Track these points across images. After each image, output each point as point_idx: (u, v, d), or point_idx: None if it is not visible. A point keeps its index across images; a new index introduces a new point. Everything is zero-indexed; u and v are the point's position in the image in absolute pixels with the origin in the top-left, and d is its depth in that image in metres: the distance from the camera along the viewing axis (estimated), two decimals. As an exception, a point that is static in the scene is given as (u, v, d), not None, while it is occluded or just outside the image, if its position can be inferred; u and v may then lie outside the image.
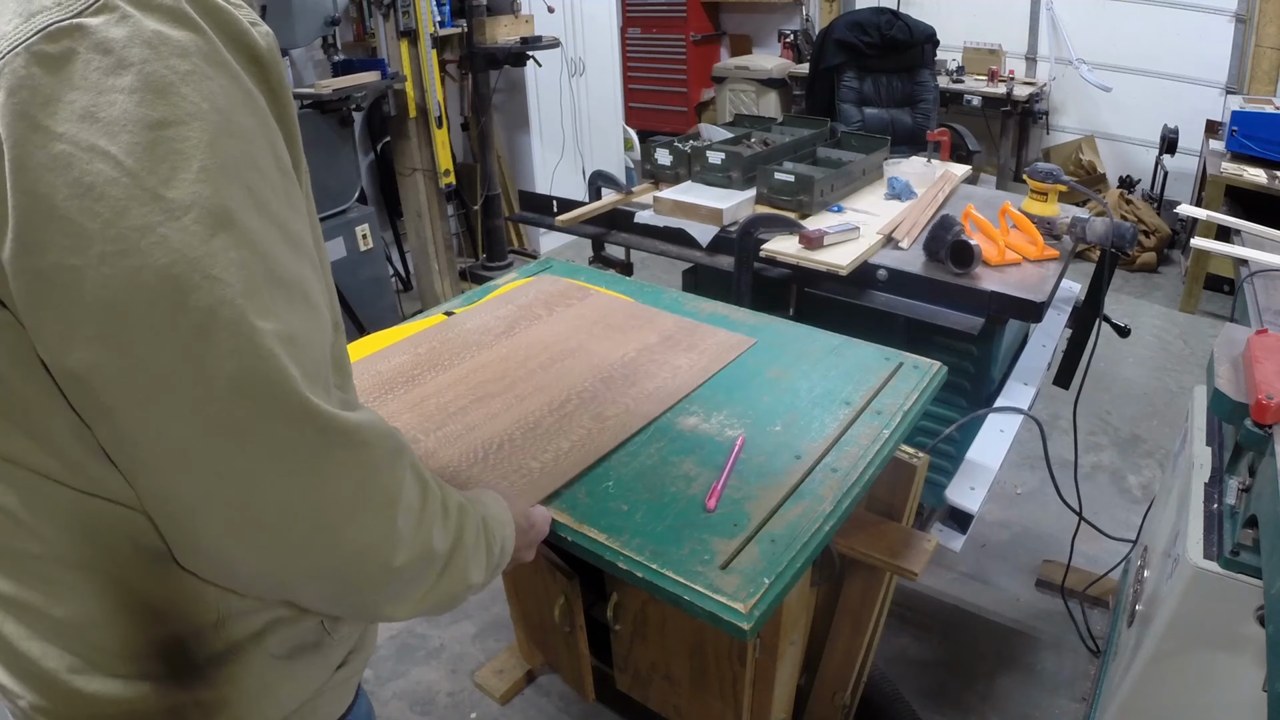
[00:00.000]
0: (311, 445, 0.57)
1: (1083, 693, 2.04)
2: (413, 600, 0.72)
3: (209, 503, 0.56)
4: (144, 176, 0.51)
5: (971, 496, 1.60)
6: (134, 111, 0.51)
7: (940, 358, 1.45)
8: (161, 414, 0.53)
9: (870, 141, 2.45)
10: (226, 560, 0.60)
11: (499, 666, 2.14)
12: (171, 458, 0.55)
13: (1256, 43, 4.55)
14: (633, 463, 1.20)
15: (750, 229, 1.91)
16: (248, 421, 0.54)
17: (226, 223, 0.53)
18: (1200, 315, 4.12)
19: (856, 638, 1.57)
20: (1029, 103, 5.17)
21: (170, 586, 0.67)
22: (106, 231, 0.50)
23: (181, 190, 0.51)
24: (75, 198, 0.50)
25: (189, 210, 0.51)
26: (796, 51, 6.11)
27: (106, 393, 0.53)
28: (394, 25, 3.52)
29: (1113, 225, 1.83)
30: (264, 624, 0.73)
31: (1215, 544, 1.30)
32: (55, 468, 0.61)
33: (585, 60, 4.90)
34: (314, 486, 0.58)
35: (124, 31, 0.51)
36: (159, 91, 0.51)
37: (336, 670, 0.84)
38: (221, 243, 0.52)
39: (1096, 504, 2.60)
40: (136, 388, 0.53)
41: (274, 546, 0.59)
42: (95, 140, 0.50)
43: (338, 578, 0.64)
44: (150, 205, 0.51)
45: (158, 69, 0.52)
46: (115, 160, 0.50)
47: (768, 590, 0.98)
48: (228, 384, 0.53)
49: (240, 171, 0.55)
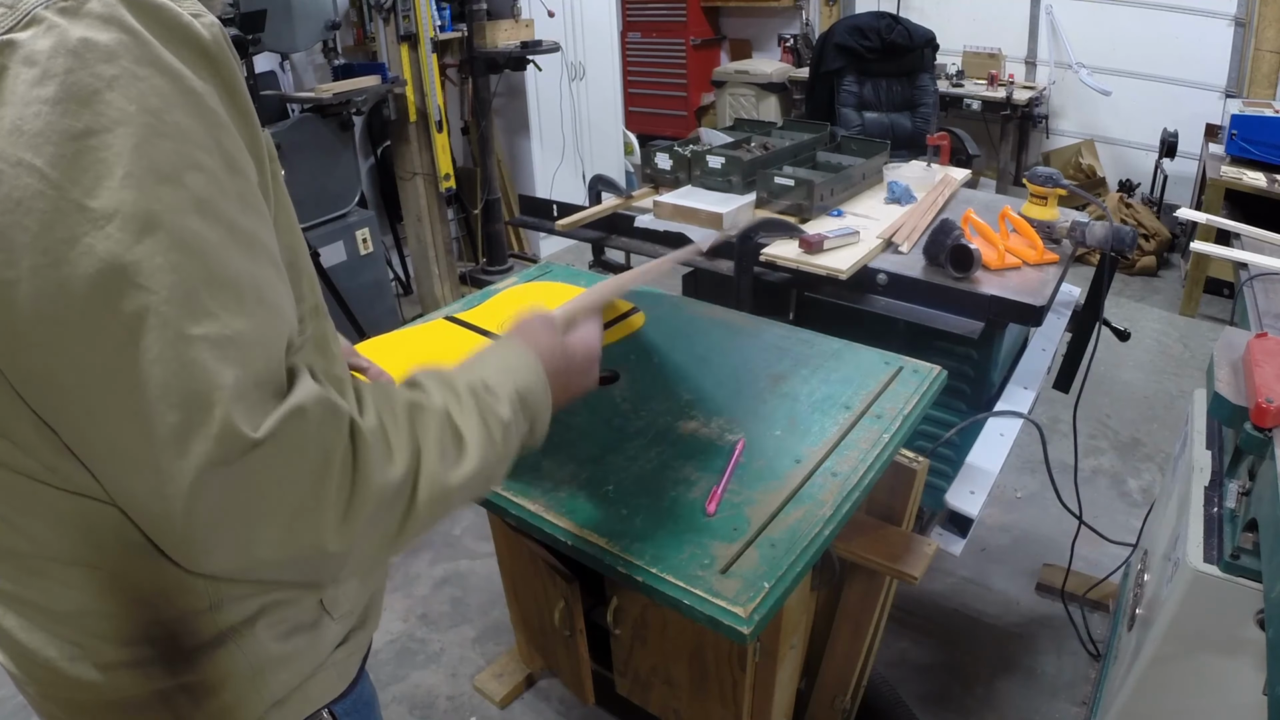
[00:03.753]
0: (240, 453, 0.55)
1: (1083, 696, 2.04)
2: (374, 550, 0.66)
3: (160, 504, 0.56)
4: (68, 188, 0.51)
5: (971, 500, 1.60)
6: (57, 123, 0.51)
7: (940, 362, 1.45)
8: (104, 418, 0.54)
9: (870, 146, 2.45)
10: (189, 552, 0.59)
11: (499, 670, 2.14)
12: (119, 460, 0.56)
13: (1256, 46, 4.56)
14: (633, 467, 1.21)
15: (750, 233, 1.91)
16: (179, 430, 0.53)
17: (153, 227, 0.52)
18: (1200, 319, 4.12)
19: (856, 641, 1.57)
20: (1029, 106, 5.17)
21: (159, 575, 0.68)
22: (35, 244, 0.51)
23: (105, 199, 0.51)
24: (6, 213, 0.50)
25: (112, 218, 0.51)
26: (796, 56, 6.12)
27: (55, 396, 0.54)
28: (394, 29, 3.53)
29: (1112, 229, 1.83)
30: (258, 608, 0.74)
31: (1215, 547, 1.30)
32: (34, 468, 0.62)
33: (585, 64, 4.91)
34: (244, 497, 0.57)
35: (49, 42, 0.51)
36: (82, 101, 0.51)
37: (335, 649, 0.84)
38: (148, 248, 0.52)
39: (1096, 508, 2.60)
40: (80, 392, 0.53)
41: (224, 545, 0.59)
42: (21, 154, 0.50)
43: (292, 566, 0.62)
44: (75, 216, 0.51)
45: (80, 77, 0.51)
46: (40, 173, 0.50)
47: (768, 594, 0.98)
48: (158, 391, 0.53)
49: (175, 172, 0.54)
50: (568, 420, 1.33)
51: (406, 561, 2.57)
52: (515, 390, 0.78)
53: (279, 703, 0.80)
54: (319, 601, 0.80)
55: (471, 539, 2.66)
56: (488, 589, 2.44)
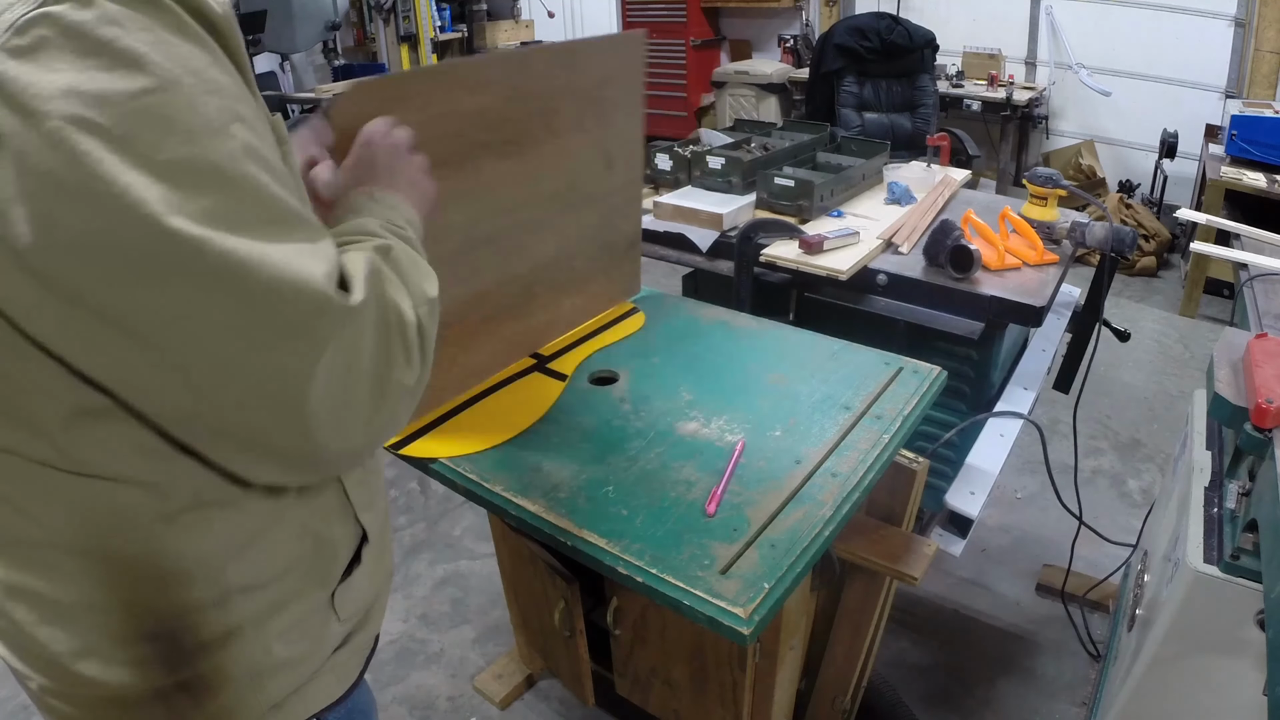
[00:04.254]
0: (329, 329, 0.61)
1: (1083, 697, 2.04)
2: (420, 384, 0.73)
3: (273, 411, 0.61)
4: (135, 143, 0.54)
5: (971, 501, 1.60)
6: (115, 85, 0.54)
7: (940, 362, 1.45)
8: (207, 345, 0.58)
9: (870, 146, 2.45)
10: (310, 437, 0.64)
11: (499, 671, 2.13)
12: (226, 381, 0.59)
13: (1256, 47, 4.56)
14: (633, 468, 1.21)
15: (750, 234, 1.91)
16: (291, 322, 0.59)
17: (216, 175, 0.57)
18: (1200, 319, 4.12)
19: (856, 642, 1.57)
20: (1028, 107, 5.17)
21: (171, 563, 0.70)
22: (113, 197, 0.53)
23: (170, 152, 0.55)
24: (76, 168, 0.53)
25: (179, 170, 0.55)
26: (796, 56, 6.12)
27: (159, 337, 0.57)
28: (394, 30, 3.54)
29: (1112, 230, 1.83)
30: (268, 604, 0.75)
31: (1215, 548, 1.30)
32: (46, 453, 0.64)
33: (585, 65, 4.91)
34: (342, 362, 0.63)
35: (90, 13, 0.54)
36: (133, 64, 0.54)
37: (335, 652, 0.84)
38: (214, 195, 0.56)
39: (1097, 508, 2.60)
40: (180, 328, 0.57)
41: (335, 423, 0.64)
42: (84, 114, 0.53)
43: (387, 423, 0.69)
44: (146, 168, 0.54)
45: (128, 44, 0.54)
46: (105, 131, 0.53)
47: (767, 595, 0.98)
48: (252, 309, 0.58)
49: (224, 125, 0.58)
50: (568, 421, 1.33)
51: (406, 562, 2.57)
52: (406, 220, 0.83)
53: (276, 706, 0.80)
54: (329, 599, 0.81)
55: (471, 539, 2.66)
56: (488, 589, 2.44)
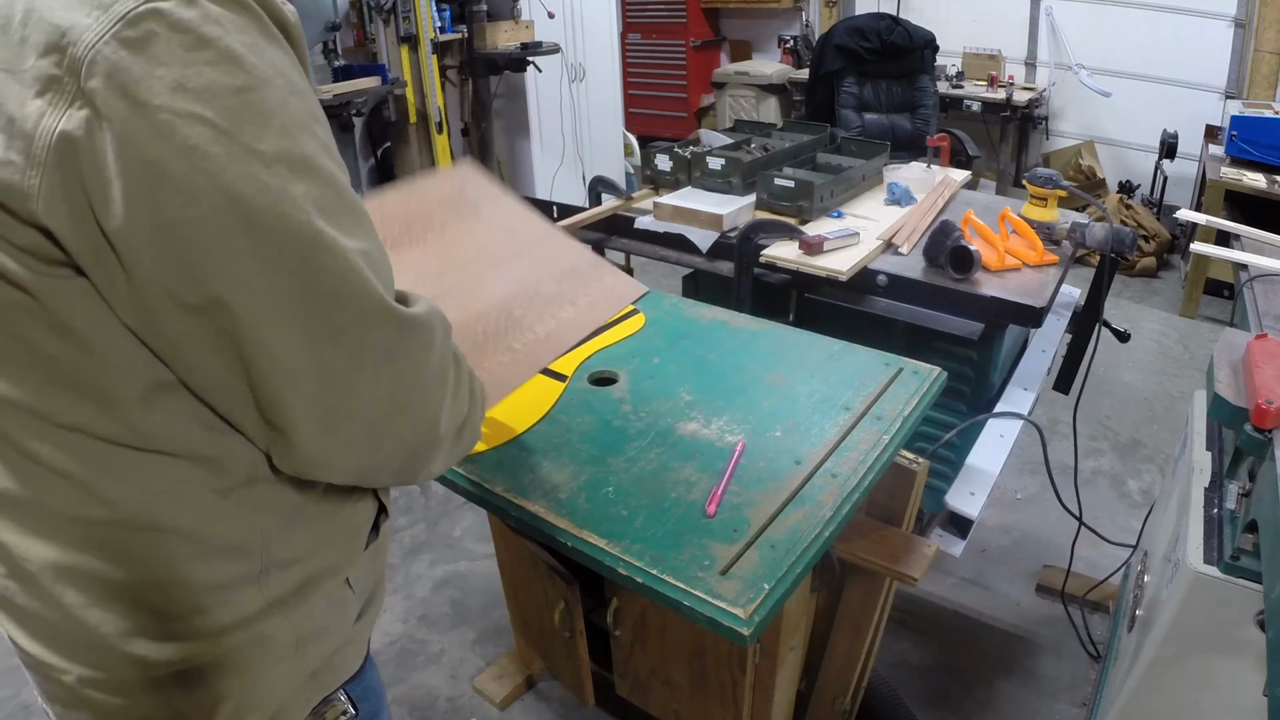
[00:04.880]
0: (393, 339, 0.67)
1: (1083, 698, 2.04)
2: (445, 461, 0.83)
3: (312, 407, 0.66)
4: (238, 135, 0.58)
5: (971, 502, 1.60)
6: (219, 80, 0.58)
7: (940, 363, 1.45)
8: (276, 330, 0.62)
9: (870, 147, 2.45)
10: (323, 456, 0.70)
11: (499, 672, 2.13)
12: (282, 369, 0.64)
13: (1256, 47, 4.56)
14: (632, 468, 1.21)
15: (750, 234, 1.91)
16: (347, 327, 0.64)
17: (309, 167, 0.62)
18: (1200, 320, 4.12)
19: (856, 643, 1.57)
20: (1028, 108, 5.17)
21: (219, 537, 0.72)
22: (215, 184, 0.58)
23: (269, 144, 0.60)
24: (182, 158, 0.57)
25: (279, 160, 0.60)
26: (796, 57, 6.12)
27: (231, 321, 0.61)
28: (394, 31, 3.54)
29: (1112, 230, 1.83)
30: (304, 578, 0.78)
31: (1215, 549, 1.30)
32: (115, 430, 0.66)
33: (585, 66, 4.91)
34: (397, 374, 0.69)
35: (195, 13, 0.58)
36: (234, 62, 0.59)
37: (355, 623, 0.87)
38: (308, 184, 0.62)
39: (1097, 509, 2.60)
40: (255, 311, 0.61)
41: (363, 434, 0.70)
42: (191, 107, 0.57)
43: (409, 450, 0.75)
44: (247, 158, 0.59)
45: (230, 43, 0.59)
46: (211, 124, 0.57)
47: (768, 596, 0.98)
48: (330, 298, 0.63)
49: (308, 123, 0.64)
50: (568, 421, 1.33)
51: (406, 563, 2.57)
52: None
53: (314, 674, 0.82)
54: (351, 573, 0.84)
55: (471, 540, 2.66)
56: (487, 590, 2.44)
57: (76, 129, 0.56)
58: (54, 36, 0.56)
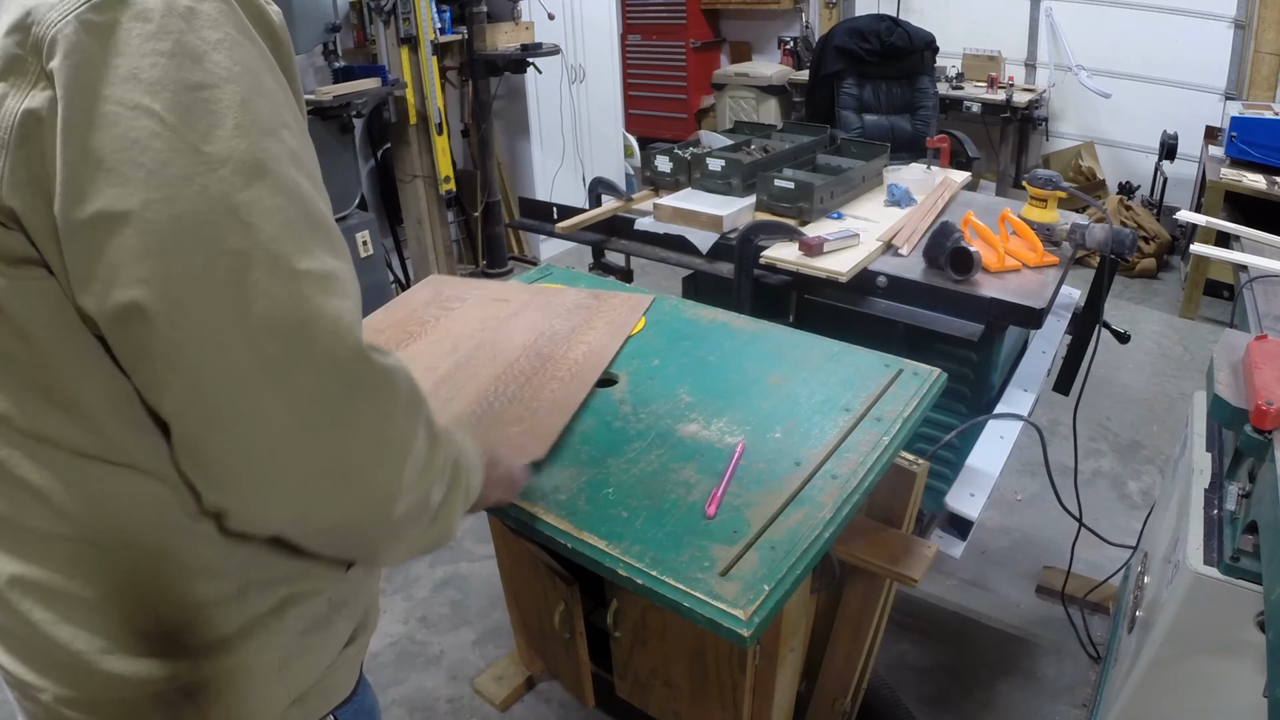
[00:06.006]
0: (339, 389, 0.60)
1: (1083, 699, 2.04)
2: (406, 547, 0.76)
3: (237, 450, 0.59)
4: (184, 132, 0.55)
5: (971, 503, 1.60)
6: (174, 74, 0.55)
7: (940, 364, 1.45)
8: (198, 354, 0.56)
9: (870, 148, 2.45)
10: (250, 507, 0.63)
11: (499, 673, 2.13)
12: (205, 401, 0.57)
13: (1255, 48, 4.56)
14: (632, 469, 1.20)
15: (750, 236, 1.92)
16: (280, 362, 0.57)
17: (261, 173, 0.57)
18: (1200, 321, 4.12)
19: (857, 644, 1.57)
20: (1028, 109, 5.17)
21: (194, 556, 0.69)
22: (150, 180, 0.54)
23: (218, 145, 0.56)
24: (122, 150, 0.54)
25: (225, 163, 0.56)
26: (796, 58, 6.12)
27: (147, 333, 0.56)
28: (394, 32, 3.54)
29: (1112, 231, 1.83)
30: (280, 599, 0.75)
31: (1215, 549, 1.30)
32: (90, 443, 0.63)
33: (585, 67, 4.91)
34: (337, 432, 0.61)
35: (161, 3, 0.56)
36: (194, 58, 0.56)
37: (345, 648, 0.85)
38: (257, 191, 0.57)
39: (1097, 510, 2.60)
40: (176, 328, 0.55)
41: (294, 495, 0.62)
42: (139, 99, 0.54)
43: (345, 525, 0.68)
44: (190, 157, 0.55)
45: (192, 39, 0.56)
46: (158, 116, 0.54)
47: (768, 597, 0.98)
48: (263, 324, 0.56)
49: (273, 128, 0.59)
50: (568, 423, 1.33)
51: (406, 564, 2.57)
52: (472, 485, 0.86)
53: (300, 699, 0.80)
54: (328, 599, 0.81)
55: (471, 541, 2.66)
56: (487, 591, 2.44)
57: (40, 108, 0.55)
58: (19, 16, 0.55)
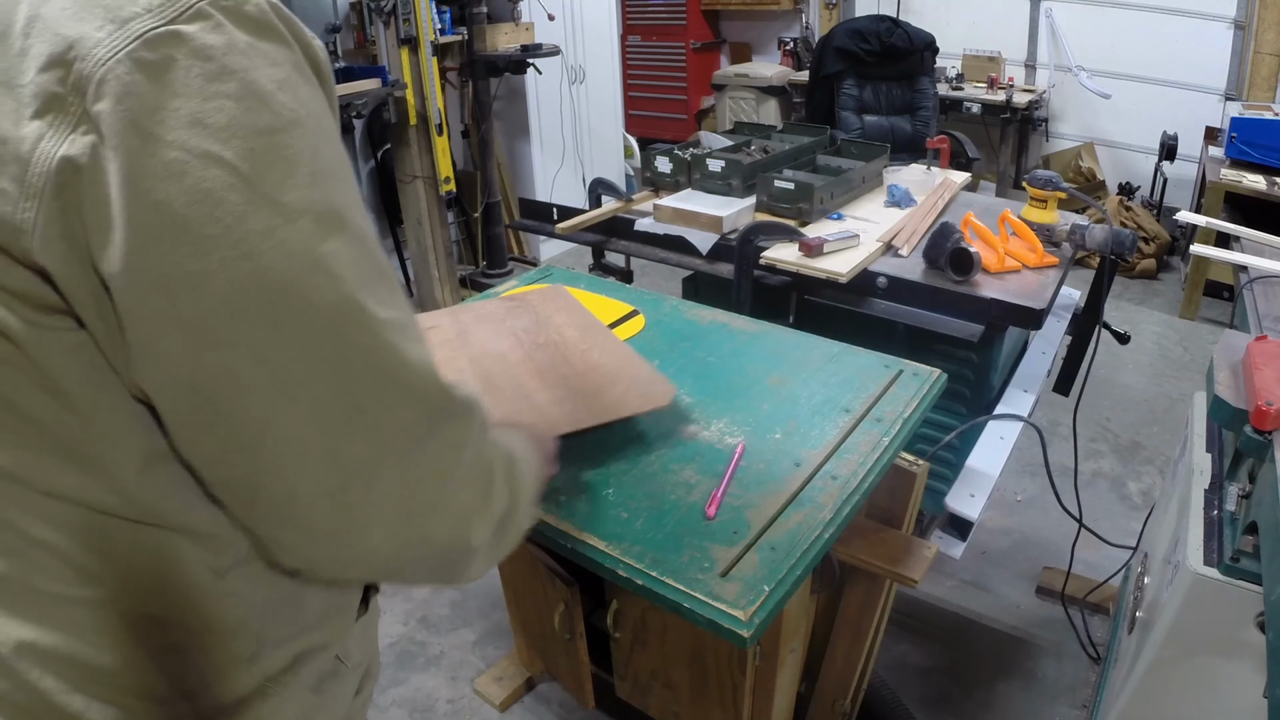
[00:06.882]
0: (426, 425, 0.60)
1: (1083, 700, 2.04)
2: (485, 562, 0.75)
3: (330, 497, 0.57)
4: (259, 182, 0.52)
5: (971, 504, 1.60)
6: (242, 118, 0.51)
7: (940, 365, 1.45)
8: (290, 411, 0.54)
9: (870, 149, 2.45)
10: (334, 555, 0.62)
11: (499, 674, 2.13)
12: (296, 455, 0.55)
13: (1255, 49, 4.57)
14: (633, 470, 1.21)
15: (750, 236, 1.92)
16: (371, 408, 0.56)
17: (340, 223, 0.55)
18: (1200, 321, 4.12)
19: (857, 645, 1.57)
20: (1028, 110, 5.18)
21: (216, 616, 0.66)
22: (228, 236, 0.51)
23: (295, 194, 0.53)
24: (194, 204, 0.50)
25: (304, 214, 0.53)
26: (796, 59, 6.12)
27: (232, 396, 0.53)
28: (394, 33, 3.53)
29: (1112, 232, 1.83)
30: (293, 656, 0.73)
31: (1215, 550, 1.30)
32: (114, 502, 0.60)
33: (585, 68, 4.91)
34: (429, 465, 0.61)
35: (221, 39, 0.52)
36: (261, 99, 0.52)
37: (353, 699, 0.84)
38: (337, 243, 0.54)
39: (1097, 511, 2.60)
40: (265, 388, 0.53)
41: (384, 536, 0.61)
42: (208, 147, 0.50)
43: (437, 556, 0.67)
44: (269, 210, 0.52)
45: (257, 77, 0.52)
46: (231, 166, 0.51)
47: (768, 598, 0.98)
48: (356, 374, 0.55)
49: (339, 172, 0.57)
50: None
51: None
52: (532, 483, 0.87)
53: None
54: (335, 655, 0.80)
55: (471, 542, 2.66)
56: (487, 592, 2.44)
57: (80, 155, 0.50)
58: (59, 48, 0.50)
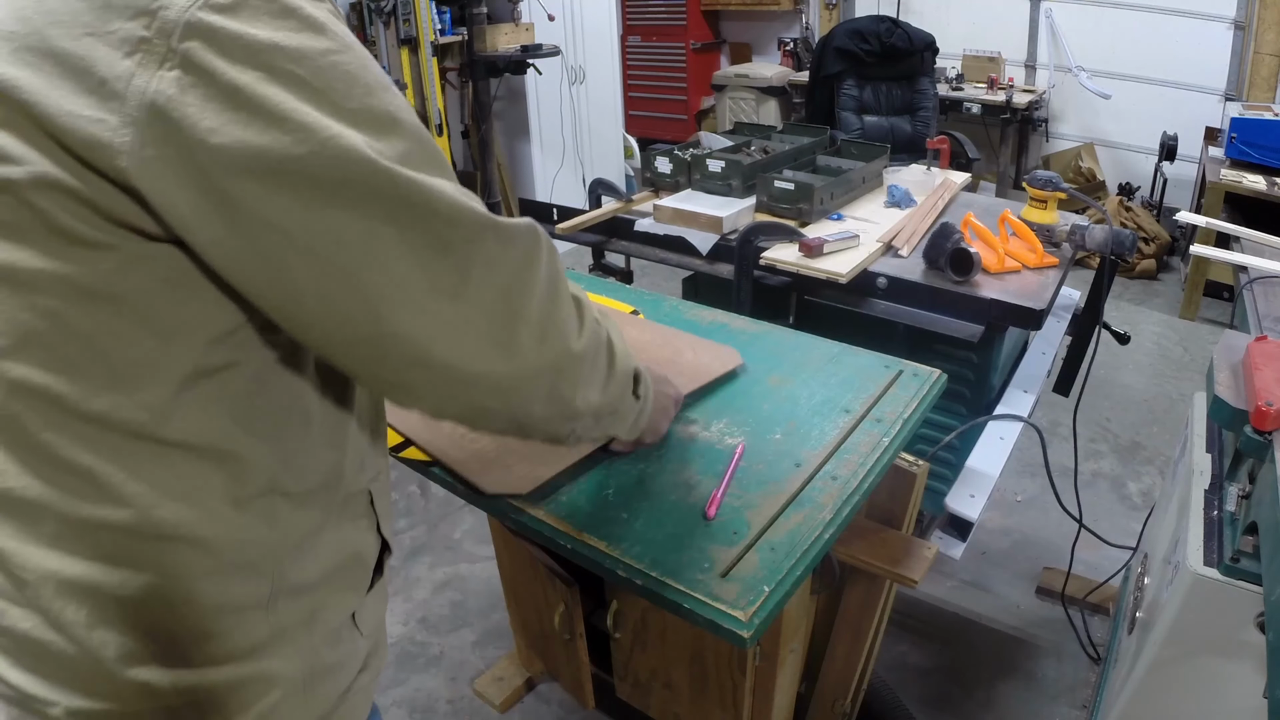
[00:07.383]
0: (495, 249, 0.70)
1: (1083, 700, 2.04)
2: (599, 384, 0.86)
3: (442, 329, 0.68)
4: (328, 94, 0.62)
5: (971, 504, 1.60)
6: (308, 44, 0.62)
7: (940, 365, 1.45)
8: (385, 259, 0.64)
9: (870, 149, 2.45)
10: (460, 377, 0.71)
11: (499, 674, 2.13)
12: (397, 292, 0.65)
13: (1255, 49, 4.57)
14: (633, 470, 1.20)
15: (750, 237, 1.92)
16: (455, 242, 0.67)
17: (394, 123, 0.66)
18: (1200, 322, 4.13)
19: (857, 645, 1.57)
20: (1028, 110, 5.18)
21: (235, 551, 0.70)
22: (314, 137, 0.60)
23: (358, 103, 0.64)
24: (283, 110, 0.60)
25: (366, 119, 0.64)
26: (796, 59, 6.13)
27: (344, 256, 0.63)
28: (394, 33, 3.54)
29: (1112, 232, 1.83)
30: (310, 611, 0.76)
31: (1215, 551, 1.30)
32: (145, 420, 0.65)
33: (585, 68, 4.91)
34: (506, 281, 0.71)
35: None
36: (318, 28, 0.63)
37: (359, 674, 0.85)
38: (393, 140, 0.65)
39: (1097, 511, 2.60)
40: (372, 248, 0.64)
41: (489, 344, 0.71)
42: (286, 66, 0.60)
43: (547, 366, 0.76)
44: (339, 116, 0.62)
45: (312, 12, 0.63)
46: (305, 81, 0.61)
47: (768, 598, 0.98)
48: (432, 220, 0.66)
49: (387, 84, 0.68)
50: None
51: (406, 565, 2.57)
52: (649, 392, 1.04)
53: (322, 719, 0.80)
54: (351, 616, 0.82)
55: (471, 542, 2.66)
56: (487, 593, 2.44)
57: (169, 87, 0.57)
58: (142, 1, 0.58)
